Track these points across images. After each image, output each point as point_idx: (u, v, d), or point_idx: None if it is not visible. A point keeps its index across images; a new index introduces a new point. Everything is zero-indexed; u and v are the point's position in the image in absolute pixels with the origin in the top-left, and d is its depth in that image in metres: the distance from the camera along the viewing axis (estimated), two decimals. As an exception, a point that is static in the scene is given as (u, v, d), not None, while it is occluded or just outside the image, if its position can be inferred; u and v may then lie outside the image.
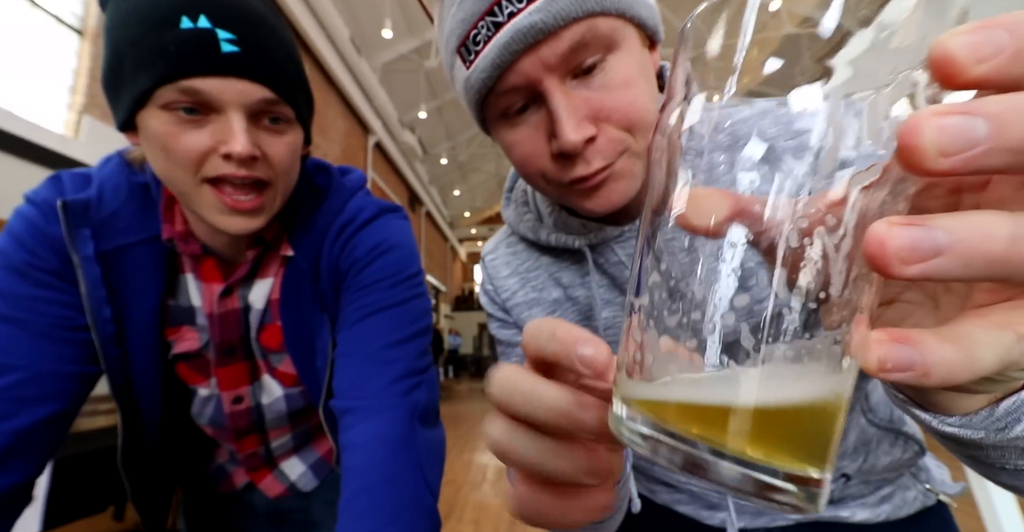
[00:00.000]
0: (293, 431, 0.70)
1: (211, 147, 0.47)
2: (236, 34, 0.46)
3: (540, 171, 0.42)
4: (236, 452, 0.68)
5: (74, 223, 0.51)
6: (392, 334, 0.56)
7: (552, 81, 0.36)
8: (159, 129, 0.46)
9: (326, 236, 0.60)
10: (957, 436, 0.22)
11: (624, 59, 0.37)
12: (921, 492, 0.53)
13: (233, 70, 0.45)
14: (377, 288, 0.58)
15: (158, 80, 0.44)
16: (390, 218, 0.64)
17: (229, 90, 0.46)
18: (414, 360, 0.56)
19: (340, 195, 0.63)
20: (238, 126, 0.46)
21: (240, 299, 0.61)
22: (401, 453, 0.50)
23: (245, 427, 0.66)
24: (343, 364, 0.56)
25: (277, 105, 0.50)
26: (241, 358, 0.63)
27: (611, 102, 0.37)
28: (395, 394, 0.53)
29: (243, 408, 0.64)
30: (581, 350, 0.18)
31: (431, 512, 0.50)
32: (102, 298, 0.52)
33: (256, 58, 0.47)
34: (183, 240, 0.56)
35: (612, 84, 0.37)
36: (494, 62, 0.36)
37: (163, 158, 0.47)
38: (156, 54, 0.44)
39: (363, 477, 0.48)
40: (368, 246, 0.59)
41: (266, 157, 0.50)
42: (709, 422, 0.14)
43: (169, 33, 0.44)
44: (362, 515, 0.46)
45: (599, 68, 0.37)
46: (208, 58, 0.44)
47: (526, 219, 0.55)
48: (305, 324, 0.59)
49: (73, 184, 0.55)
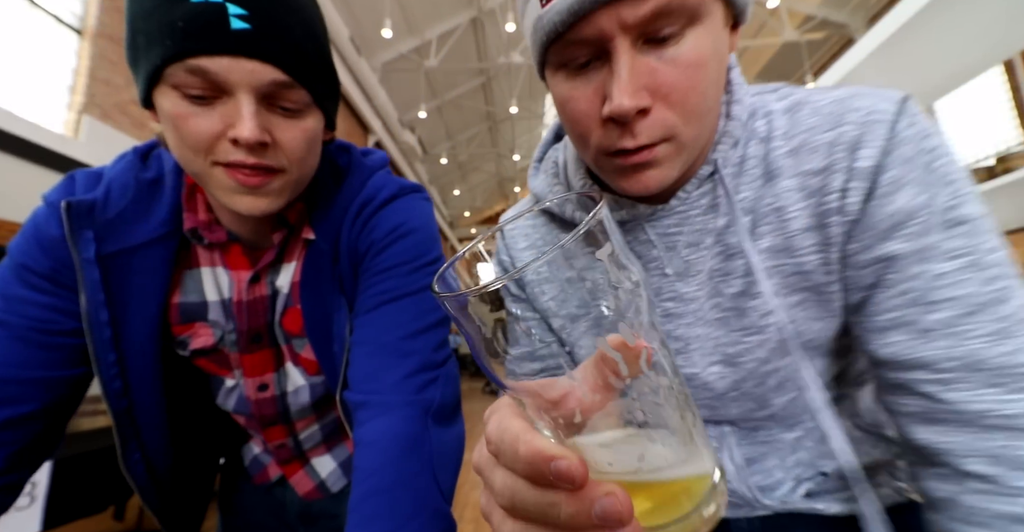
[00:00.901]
0: (319, 421, 0.69)
1: (221, 130, 0.45)
2: (248, 9, 0.43)
3: (587, 133, 0.40)
4: (265, 443, 0.68)
5: (77, 224, 0.50)
6: (409, 324, 0.54)
7: (624, 41, 0.35)
8: (171, 109, 0.44)
9: (345, 216, 0.58)
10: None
11: (702, 36, 0.35)
12: (894, 489, 0.54)
13: (242, 49, 0.43)
14: (395, 274, 0.56)
15: (166, 58, 0.42)
16: (411, 198, 0.61)
17: (238, 70, 0.43)
18: (431, 353, 0.54)
19: (360, 174, 0.61)
20: (247, 110, 0.44)
21: (268, 285, 0.59)
22: (411, 454, 0.48)
23: (271, 416, 0.65)
24: (358, 353, 0.54)
25: (291, 88, 0.46)
26: (267, 345, 0.62)
27: (674, 79, 0.35)
28: (409, 390, 0.51)
29: (268, 396, 0.64)
30: (557, 465, 0.18)
31: (443, 516, 0.48)
32: (100, 301, 0.51)
33: (269, 36, 0.44)
34: (207, 229, 0.55)
35: (682, 60, 0.35)
36: (571, 7, 0.34)
37: (176, 139, 0.46)
38: (165, 29, 0.42)
39: (372, 479, 0.46)
40: (387, 228, 0.57)
41: (279, 143, 0.47)
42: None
43: (179, 7, 0.41)
44: (370, 519, 0.44)
45: (674, 40, 0.35)
46: (216, 35, 0.42)
47: (556, 190, 0.54)
48: (323, 307, 0.58)
49: (84, 184, 0.54)
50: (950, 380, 0.34)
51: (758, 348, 0.45)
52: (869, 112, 0.38)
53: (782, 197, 0.41)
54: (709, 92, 0.38)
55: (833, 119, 0.40)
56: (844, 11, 8.55)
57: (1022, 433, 0.32)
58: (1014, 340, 0.33)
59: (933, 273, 0.35)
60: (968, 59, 1.28)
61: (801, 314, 0.43)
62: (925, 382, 0.35)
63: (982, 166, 1.58)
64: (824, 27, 8.82)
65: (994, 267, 0.34)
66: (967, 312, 0.34)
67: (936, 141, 0.37)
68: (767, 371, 0.46)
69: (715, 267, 0.45)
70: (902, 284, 0.36)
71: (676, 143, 0.38)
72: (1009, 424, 0.32)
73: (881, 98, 0.39)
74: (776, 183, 0.42)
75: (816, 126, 0.40)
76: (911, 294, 0.36)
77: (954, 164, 0.36)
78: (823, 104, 0.41)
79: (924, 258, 0.35)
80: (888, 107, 0.38)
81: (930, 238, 0.35)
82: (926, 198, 0.36)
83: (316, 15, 0.50)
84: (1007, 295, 0.33)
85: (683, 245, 0.46)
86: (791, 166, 0.41)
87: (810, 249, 0.41)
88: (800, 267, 0.42)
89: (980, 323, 0.33)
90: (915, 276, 0.36)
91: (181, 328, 0.58)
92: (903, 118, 0.37)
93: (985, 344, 0.33)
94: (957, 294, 0.34)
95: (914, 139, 0.37)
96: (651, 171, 0.39)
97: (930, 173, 0.36)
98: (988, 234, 0.35)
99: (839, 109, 0.40)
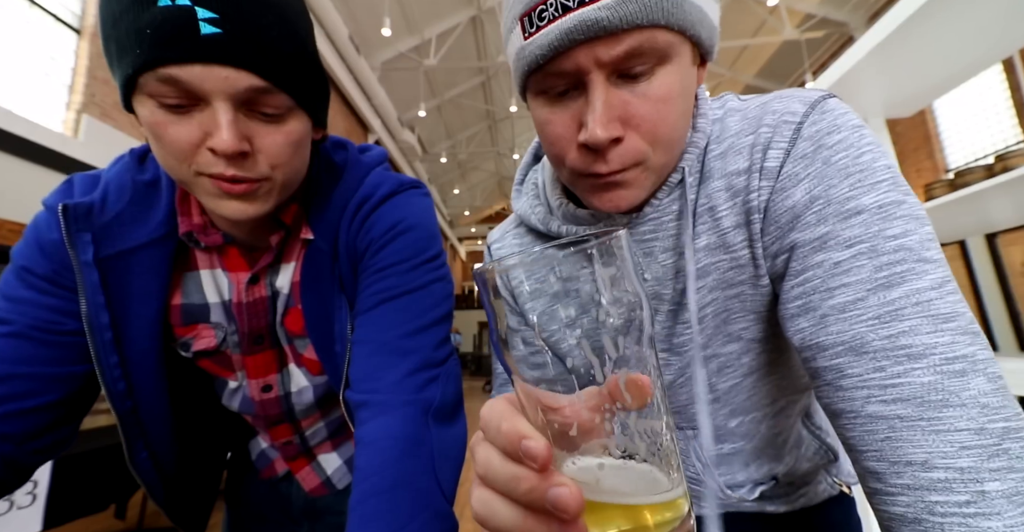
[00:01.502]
0: (324, 419, 0.69)
1: (199, 139, 0.43)
2: (218, 12, 0.40)
3: (563, 154, 0.43)
4: (271, 440, 0.68)
5: (75, 228, 0.49)
6: (409, 323, 0.53)
7: (599, 76, 0.37)
8: (148, 118, 0.43)
9: (343, 214, 0.57)
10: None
11: (671, 74, 0.39)
12: (829, 484, 0.58)
13: (214, 56, 0.40)
14: (394, 272, 0.55)
15: (137, 67, 0.40)
16: (410, 195, 0.60)
17: (211, 78, 0.41)
18: (431, 351, 0.54)
19: (357, 171, 0.60)
20: (223, 118, 0.42)
21: (267, 286, 0.59)
22: (412, 454, 0.48)
23: (276, 416, 0.65)
24: (358, 352, 0.53)
25: (270, 93, 0.44)
26: (269, 346, 0.62)
27: (644, 112, 0.38)
28: (409, 389, 0.51)
29: (272, 397, 0.63)
30: (525, 444, 0.20)
31: (444, 516, 0.47)
32: (100, 304, 0.51)
33: (242, 40, 0.41)
34: (203, 232, 0.54)
35: (652, 95, 0.38)
36: (552, 44, 0.37)
37: (157, 147, 0.45)
38: (133, 37, 0.39)
39: (372, 479, 0.46)
40: (385, 225, 0.56)
41: (260, 150, 0.46)
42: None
43: (146, 12, 0.39)
44: (370, 520, 0.44)
45: (645, 77, 0.38)
46: (185, 42, 0.39)
47: (537, 211, 0.56)
48: (324, 307, 0.58)
49: (82, 187, 0.54)
50: (841, 366, 0.34)
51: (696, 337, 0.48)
52: (782, 114, 0.41)
53: (713, 197, 0.44)
54: (678, 124, 0.41)
55: (755, 122, 0.43)
56: (844, 10, 8.54)
57: (900, 422, 0.31)
58: (900, 323, 0.32)
59: (832, 261, 0.36)
60: (968, 58, 1.28)
61: (738, 305, 0.45)
62: (825, 369, 0.36)
63: (981, 164, 1.58)
64: (824, 25, 8.81)
65: (892, 253, 0.34)
66: (858, 297, 0.34)
67: (840, 137, 0.38)
68: (706, 356, 0.49)
69: (679, 268, 0.48)
70: (805, 273, 0.38)
71: (645, 168, 0.41)
72: (887, 412, 0.32)
73: (797, 99, 0.42)
74: (708, 184, 0.45)
75: (741, 130, 0.44)
76: (813, 281, 0.37)
77: (859, 157, 0.37)
78: (750, 109, 0.45)
79: (823, 247, 0.37)
80: (799, 108, 0.41)
81: (827, 228, 0.37)
82: (821, 190, 0.37)
83: (297, 10, 0.47)
84: (900, 280, 0.33)
85: (659, 250, 0.48)
86: (719, 168, 0.44)
87: (741, 245, 0.43)
88: (736, 262, 0.44)
89: (867, 307, 0.34)
90: (816, 264, 0.37)
91: (183, 330, 0.58)
92: (810, 117, 0.40)
93: (868, 327, 0.33)
94: (850, 280, 0.35)
95: (815, 136, 0.39)
96: (622, 191, 0.42)
97: (828, 167, 0.38)
98: (896, 221, 0.34)
99: (760, 113, 0.43)
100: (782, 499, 0.57)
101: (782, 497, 0.57)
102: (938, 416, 0.30)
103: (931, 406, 0.30)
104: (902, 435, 0.31)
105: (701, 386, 0.42)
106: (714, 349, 0.48)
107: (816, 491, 0.58)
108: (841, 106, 0.41)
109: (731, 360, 0.48)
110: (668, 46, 0.37)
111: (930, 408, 0.30)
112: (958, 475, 0.29)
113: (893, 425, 0.32)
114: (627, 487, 0.21)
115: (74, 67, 3.96)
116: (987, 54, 1.25)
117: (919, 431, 0.30)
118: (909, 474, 0.31)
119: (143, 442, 0.59)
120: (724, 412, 0.51)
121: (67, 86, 3.91)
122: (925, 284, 0.33)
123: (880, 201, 0.35)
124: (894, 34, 1.16)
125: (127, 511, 2.32)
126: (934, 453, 0.30)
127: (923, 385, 0.31)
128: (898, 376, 0.32)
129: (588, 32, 0.35)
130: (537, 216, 0.55)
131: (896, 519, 0.31)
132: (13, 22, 3.55)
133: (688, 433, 0.53)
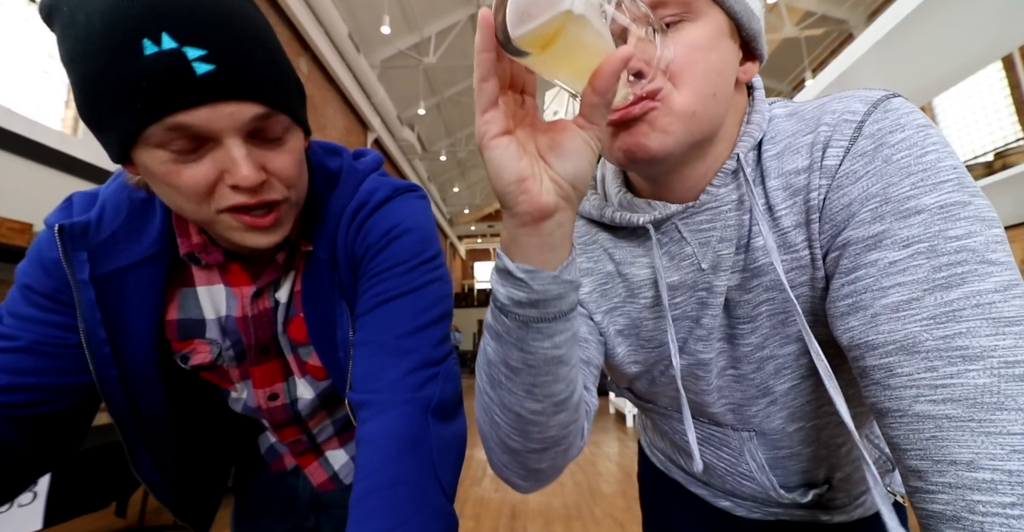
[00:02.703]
0: (331, 417, 0.71)
1: (216, 177, 0.44)
2: (206, 48, 0.39)
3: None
4: (279, 439, 0.70)
5: (71, 247, 0.50)
6: (407, 322, 0.54)
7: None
8: (158, 168, 0.42)
9: (340, 223, 0.58)
10: None
11: (699, 29, 0.40)
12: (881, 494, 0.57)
13: (216, 93, 0.40)
14: (392, 274, 0.56)
15: (141, 121, 0.39)
16: (405, 198, 0.61)
17: (219, 117, 0.41)
18: (430, 350, 0.54)
19: (352, 178, 0.60)
20: (238, 153, 0.43)
21: (271, 298, 0.60)
22: (411, 452, 0.48)
23: (283, 420, 0.67)
24: (359, 354, 0.55)
25: (271, 118, 0.45)
26: (275, 356, 0.63)
27: (667, 55, 0.39)
28: (408, 388, 0.51)
29: (279, 405, 0.65)
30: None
31: (445, 514, 0.48)
32: (97, 320, 0.52)
33: (235, 72, 0.41)
34: (203, 251, 0.55)
35: (684, 42, 0.40)
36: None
37: (170, 194, 0.45)
38: (128, 91, 0.38)
39: (372, 476, 0.47)
40: (382, 230, 0.57)
41: (273, 174, 0.47)
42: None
43: (135, 63, 0.38)
44: (370, 517, 0.44)
45: (672, 27, 0.40)
46: (186, 87, 0.39)
47: (592, 199, 0.57)
48: (326, 314, 0.59)
49: (80, 205, 0.54)
50: (891, 365, 0.34)
51: (751, 335, 0.47)
52: (842, 113, 0.40)
53: (771, 196, 0.44)
54: (707, 76, 0.42)
55: (813, 122, 0.42)
56: (843, 7, 8.52)
57: (948, 422, 0.30)
58: (957, 324, 0.31)
59: (887, 260, 0.35)
60: (967, 55, 1.28)
61: (801, 308, 0.44)
62: (874, 369, 0.35)
63: (980, 162, 1.58)
64: (823, 23, 8.79)
65: (953, 254, 0.32)
66: (913, 297, 0.33)
67: (904, 136, 0.37)
68: (763, 357, 0.48)
69: (736, 259, 0.47)
70: (858, 270, 0.37)
71: (664, 103, 0.41)
72: (935, 412, 0.31)
73: (858, 99, 0.41)
74: (766, 183, 0.44)
75: (799, 130, 0.43)
76: (866, 280, 0.36)
77: (922, 157, 0.36)
78: (806, 111, 0.44)
79: (878, 246, 0.36)
80: (860, 107, 0.40)
81: (883, 225, 0.36)
82: (880, 187, 0.36)
83: (263, 25, 0.46)
84: (958, 281, 0.32)
85: (716, 240, 0.47)
86: (776, 167, 0.44)
87: (802, 245, 0.42)
88: (797, 262, 0.43)
89: (923, 307, 0.33)
90: (870, 263, 0.36)
91: (181, 344, 0.59)
92: (872, 116, 0.39)
93: (922, 327, 0.32)
94: (906, 280, 0.34)
95: (876, 134, 0.38)
96: (644, 127, 0.42)
97: (888, 165, 0.37)
98: (959, 222, 0.33)
99: (818, 113, 0.43)
100: (840, 510, 0.56)
101: (839, 508, 0.56)
102: (990, 418, 0.29)
103: (983, 408, 0.29)
104: (949, 435, 0.30)
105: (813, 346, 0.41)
106: (771, 350, 0.47)
107: (872, 501, 0.57)
108: (906, 106, 0.39)
109: (789, 361, 0.47)
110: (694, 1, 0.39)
111: (982, 410, 0.29)
112: (1006, 477, 0.28)
113: (940, 425, 0.31)
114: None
115: (73, 65, 3.95)
116: (987, 51, 1.25)
117: (968, 432, 0.30)
118: (952, 473, 0.30)
119: (146, 449, 0.60)
120: (783, 415, 0.50)
121: (66, 84, 3.91)
122: (988, 286, 0.31)
123: (942, 201, 0.34)
124: (893, 31, 1.16)
125: (128, 509, 2.32)
126: (982, 454, 0.29)
127: (977, 387, 0.30)
128: (950, 377, 0.31)
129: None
130: (591, 203, 0.56)
131: (935, 516, 0.31)
132: (12, 20, 3.54)
133: (744, 435, 0.53)
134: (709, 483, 0.62)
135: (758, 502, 0.59)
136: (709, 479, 0.61)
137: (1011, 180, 1.49)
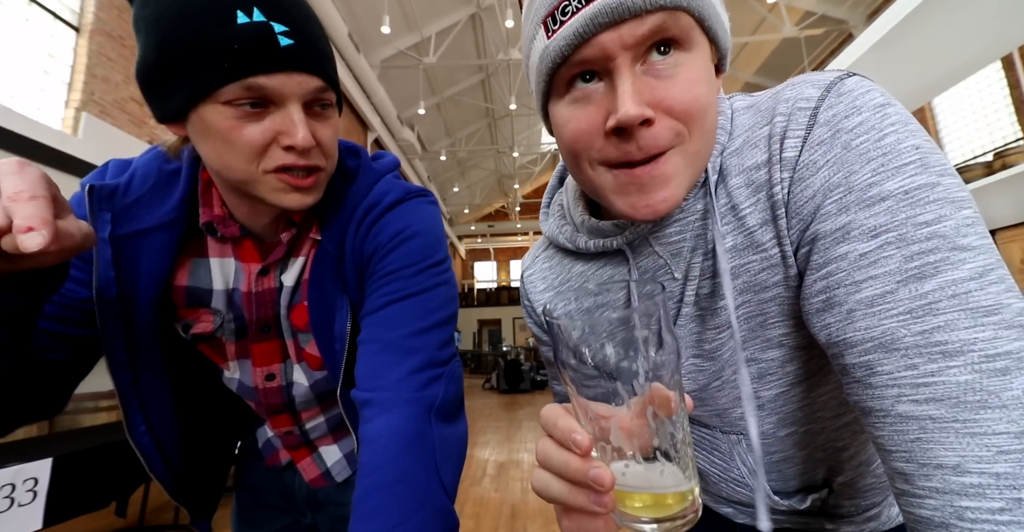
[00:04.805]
0: (324, 414, 0.72)
1: (271, 138, 0.48)
2: (289, 26, 0.47)
3: (587, 147, 0.41)
4: (273, 429, 0.71)
5: (97, 207, 0.54)
6: (413, 323, 0.56)
7: (625, 60, 0.37)
8: (220, 123, 0.47)
9: (351, 219, 0.60)
10: None
11: (695, 60, 0.38)
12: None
13: (292, 64, 0.47)
14: (400, 276, 0.58)
15: (223, 78, 0.45)
16: (416, 202, 0.63)
17: (289, 84, 0.47)
18: (435, 351, 0.55)
19: (367, 178, 0.63)
20: (298, 118, 0.48)
21: (276, 279, 0.62)
22: (414, 451, 0.49)
23: (277, 405, 0.68)
24: (364, 351, 0.56)
25: (326, 92, 0.51)
26: (275, 336, 0.65)
27: (675, 93, 0.37)
28: (412, 387, 0.52)
29: (275, 386, 0.66)
30: (573, 436, 0.29)
31: (446, 512, 0.48)
32: (111, 278, 0.54)
33: (309, 48, 0.48)
34: (222, 223, 0.58)
35: (679, 77, 0.38)
36: (577, 31, 0.37)
37: (224, 150, 0.49)
38: (218, 51, 0.44)
39: (375, 474, 0.47)
40: (392, 231, 0.59)
41: (319, 141, 0.51)
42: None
43: (227, 29, 0.44)
44: (373, 514, 0.45)
45: (670, 61, 0.38)
46: (270, 54, 0.45)
47: (564, 230, 0.56)
48: (328, 305, 0.61)
49: (115, 171, 0.59)
50: (871, 363, 0.33)
51: (729, 341, 0.46)
52: (795, 100, 0.39)
53: (733, 195, 0.42)
54: (709, 110, 0.39)
55: (768, 113, 0.41)
56: (843, 7, 8.52)
57: (932, 423, 0.29)
58: (934, 318, 0.30)
59: (857, 253, 0.33)
60: (967, 55, 1.28)
61: (775, 309, 0.42)
62: (854, 366, 0.34)
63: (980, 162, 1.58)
64: (823, 23, 8.79)
65: (923, 242, 0.31)
66: (887, 290, 0.32)
67: (860, 119, 0.35)
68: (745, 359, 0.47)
69: (705, 270, 0.46)
70: (829, 265, 0.35)
71: (683, 150, 0.39)
72: (918, 412, 0.30)
73: (810, 84, 0.39)
74: (727, 182, 0.43)
75: (755, 123, 0.42)
76: (838, 274, 0.35)
77: (881, 140, 0.34)
78: (761, 102, 0.43)
79: (846, 238, 0.34)
80: (813, 93, 0.38)
81: (849, 216, 0.34)
82: (841, 176, 0.35)
83: (315, 13, 0.53)
84: (932, 271, 0.31)
85: (687, 250, 0.46)
86: (736, 164, 0.42)
87: (770, 243, 0.40)
88: (767, 262, 0.41)
89: (898, 301, 0.31)
90: (840, 256, 0.34)
91: (186, 311, 0.62)
92: (826, 101, 0.37)
93: (899, 323, 0.31)
94: (878, 272, 0.32)
95: (832, 120, 0.36)
96: (660, 192, 0.40)
97: (848, 152, 0.35)
98: (927, 206, 0.32)
99: (772, 103, 0.41)
100: (846, 520, 0.53)
101: (845, 517, 0.53)
102: (974, 418, 0.28)
103: (967, 407, 0.28)
104: (933, 436, 0.29)
105: (745, 388, 0.40)
106: (751, 354, 0.46)
107: (889, 514, 0.54)
108: (862, 85, 0.37)
109: (773, 367, 0.45)
110: (689, 31, 0.37)
111: (966, 409, 0.28)
112: (993, 481, 0.27)
113: (924, 426, 0.30)
114: (650, 479, 0.29)
115: (73, 64, 3.95)
116: (986, 51, 1.25)
117: (952, 433, 0.29)
118: (939, 477, 0.29)
119: (141, 415, 0.62)
120: (772, 420, 0.49)
121: (66, 84, 3.91)
122: (963, 274, 0.30)
123: (906, 186, 0.32)
124: (893, 31, 1.16)
125: (127, 508, 2.32)
126: (968, 457, 0.28)
127: (959, 384, 0.29)
128: (931, 375, 0.30)
129: (613, 14, 0.35)
130: (565, 235, 0.55)
131: (923, 522, 0.30)
132: (12, 19, 3.54)
133: (732, 438, 0.51)
134: (706, 491, 0.61)
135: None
136: (706, 487, 0.60)
137: (1011, 180, 1.49)
